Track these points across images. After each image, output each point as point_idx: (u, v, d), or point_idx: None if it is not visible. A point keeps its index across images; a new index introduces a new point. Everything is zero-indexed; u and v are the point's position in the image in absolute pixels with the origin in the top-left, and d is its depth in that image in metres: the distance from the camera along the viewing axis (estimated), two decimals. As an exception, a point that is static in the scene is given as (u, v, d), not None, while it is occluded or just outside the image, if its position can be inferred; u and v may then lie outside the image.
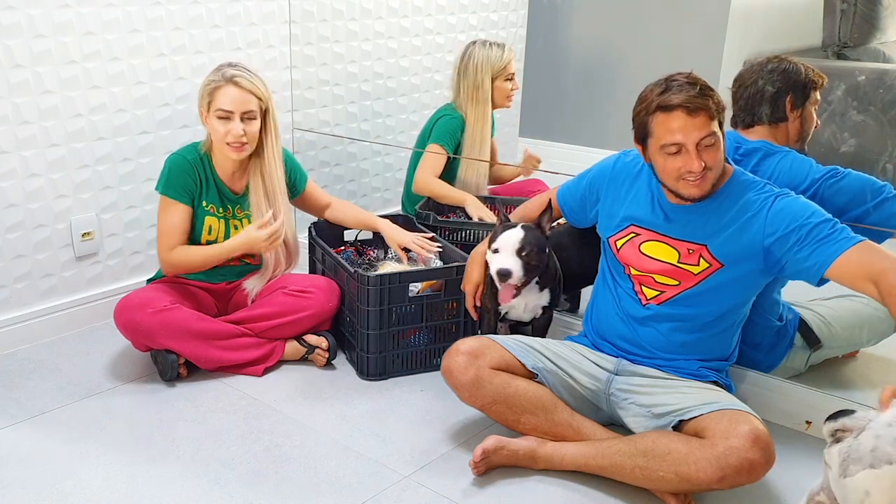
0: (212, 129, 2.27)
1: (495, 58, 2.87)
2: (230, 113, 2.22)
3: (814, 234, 1.76)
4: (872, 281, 1.68)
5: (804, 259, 1.77)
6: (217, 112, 2.23)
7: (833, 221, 1.78)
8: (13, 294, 2.45)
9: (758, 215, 1.83)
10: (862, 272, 1.70)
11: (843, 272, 1.73)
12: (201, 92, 2.27)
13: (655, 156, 1.84)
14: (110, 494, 1.80)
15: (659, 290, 1.95)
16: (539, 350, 2.01)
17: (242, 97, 2.23)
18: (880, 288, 1.66)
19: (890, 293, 1.64)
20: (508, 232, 2.07)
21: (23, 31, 2.30)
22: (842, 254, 1.72)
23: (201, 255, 2.34)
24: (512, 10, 3.89)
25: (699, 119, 1.75)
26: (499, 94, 2.93)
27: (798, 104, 2.12)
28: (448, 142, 2.87)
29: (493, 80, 2.89)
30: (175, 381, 2.29)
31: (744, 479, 1.68)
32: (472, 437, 2.05)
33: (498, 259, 2.06)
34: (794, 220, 1.79)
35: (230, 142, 2.24)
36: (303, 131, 3.17)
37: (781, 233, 1.80)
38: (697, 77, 1.79)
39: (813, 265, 1.76)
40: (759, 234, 1.83)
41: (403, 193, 3.09)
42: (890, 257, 1.69)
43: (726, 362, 2.01)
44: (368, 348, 2.31)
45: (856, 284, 1.73)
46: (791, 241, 1.78)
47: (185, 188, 2.30)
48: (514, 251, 2.04)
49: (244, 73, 2.25)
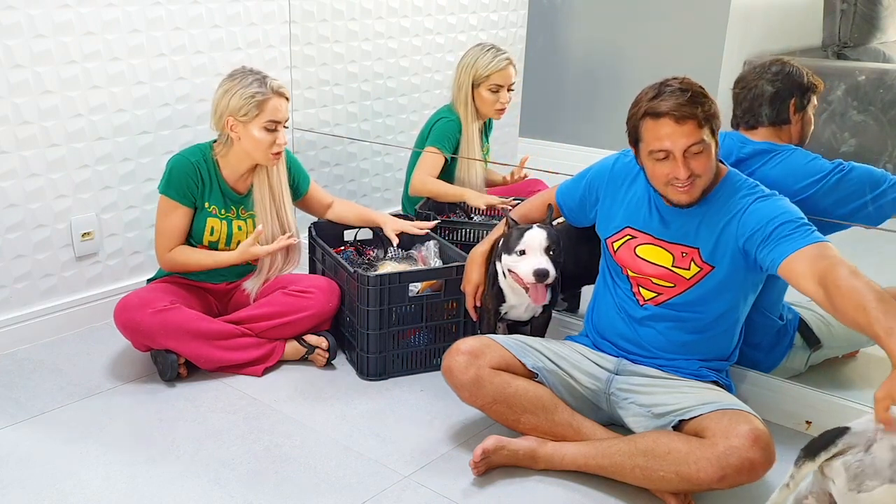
0: (249, 139, 2.27)
1: (481, 64, 2.78)
2: (278, 123, 2.27)
3: (776, 232, 1.75)
4: (818, 280, 1.62)
5: (765, 258, 1.77)
6: (266, 123, 2.25)
7: (798, 222, 1.76)
8: (13, 294, 2.45)
9: (735, 217, 1.83)
10: (808, 272, 1.65)
11: (792, 271, 1.70)
12: (240, 103, 2.24)
13: (645, 160, 1.85)
14: (110, 494, 1.80)
15: (656, 292, 1.95)
16: (539, 350, 2.01)
17: (286, 107, 2.29)
18: (826, 284, 1.60)
19: (836, 285, 1.56)
20: (531, 232, 2.05)
21: (23, 31, 2.30)
22: (794, 252, 1.70)
23: (196, 262, 2.36)
24: (512, 10, 3.89)
25: (687, 127, 1.74)
26: (482, 103, 2.83)
27: (801, 107, 2.12)
28: (445, 144, 2.86)
29: (474, 85, 2.81)
30: (175, 381, 2.29)
31: (744, 478, 1.68)
32: (472, 437, 2.05)
33: (530, 261, 2.03)
34: (761, 219, 1.79)
35: (277, 151, 2.29)
36: (303, 131, 3.17)
37: (749, 233, 1.80)
38: (692, 83, 1.78)
39: (770, 263, 1.76)
40: (733, 235, 1.83)
41: (403, 193, 3.09)
42: (840, 258, 1.64)
43: (727, 362, 2.01)
44: (368, 348, 2.31)
45: (801, 284, 1.67)
46: (756, 240, 1.78)
47: (186, 190, 2.30)
48: (543, 250, 2.04)
49: (280, 82, 2.30)
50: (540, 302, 2.08)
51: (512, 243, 2.07)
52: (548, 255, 2.03)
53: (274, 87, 2.27)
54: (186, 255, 2.35)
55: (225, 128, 2.29)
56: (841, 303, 1.56)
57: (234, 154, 2.32)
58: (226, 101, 2.26)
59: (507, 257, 2.09)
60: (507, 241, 2.10)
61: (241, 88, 2.25)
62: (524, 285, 2.07)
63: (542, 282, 2.02)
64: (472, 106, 2.85)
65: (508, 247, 2.08)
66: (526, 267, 2.03)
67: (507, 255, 2.09)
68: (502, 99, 2.85)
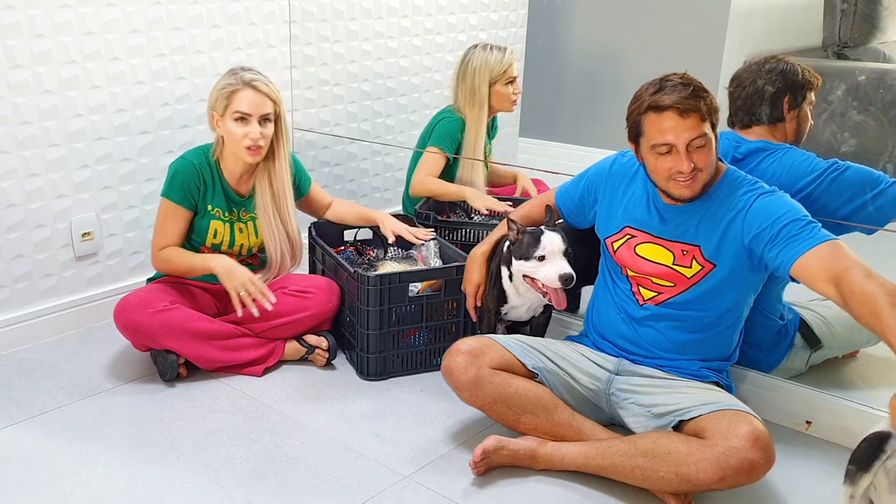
0: (227, 133, 2.27)
1: (494, 62, 2.82)
2: (248, 115, 2.24)
3: (784, 232, 1.76)
4: (833, 282, 1.64)
5: (774, 258, 1.77)
6: (234, 114, 2.23)
7: (805, 220, 1.76)
8: (13, 294, 2.45)
9: (739, 214, 1.83)
10: (823, 273, 1.67)
11: (805, 272, 1.70)
12: (215, 96, 2.26)
13: (647, 155, 1.85)
14: (110, 494, 1.80)
15: (656, 292, 1.95)
16: (539, 350, 2.01)
17: (259, 100, 2.24)
18: (841, 287, 1.62)
19: (851, 290, 1.59)
20: (549, 237, 2.03)
21: (23, 31, 2.30)
22: (805, 253, 1.70)
23: (186, 263, 2.32)
24: (512, 10, 3.89)
25: (690, 120, 1.75)
26: (499, 99, 2.88)
27: (795, 104, 2.12)
28: (447, 144, 2.86)
29: (491, 84, 2.84)
30: (175, 381, 2.29)
31: (744, 479, 1.68)
32: (472, 437, 2.05)
33: (552, 266, 2.02)
34: (767, 218, 1.79)
35: (248, 145, 2.25)
36: (303, 131, 3.17)
37: (755, 231, 1.80)
38: (692, 78, 1.79)
39: (780, 264, 1.76)
40: (739, 233, 1.83)
41: (404, 193, 3.09)
42: (853, 257, 1.66)
43: (727, 362, 2.01)
44: (368, 348, 2.31)
45: (817, 286, 1.69)
46: (764, 239, 1.78)
47: (187, 193, 2.30)
48: (562, 254, 2.03)
49: (261, 77, 2.27)
50: (561, 306, 2.07)
51: (528, 249, 2.05)
52: (566, 257, 2.04)
53: (245, 79, 2.24)
54: (179, 256, 2.32)
55: (212, 125, 2.30)
56: (856, 308, 1.59)
57: (226, 152, 2.32)
58: (210, 98, 2.29)
59: (525, 263, 2.06)
60: (520, 246, 2.07)
61: (218, 83, 2.27)
62: (544, 290, 2.06)
63: (568, 286, 2.02)
64: (487, 105, 2.86)
65: (524, 252, 2.06)
66: (550, 272, 2.02)
67: (523, 262, 2.06)
68: (516, 89, 2.90)
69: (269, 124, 2.27)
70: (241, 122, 2.24)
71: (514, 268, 2.10)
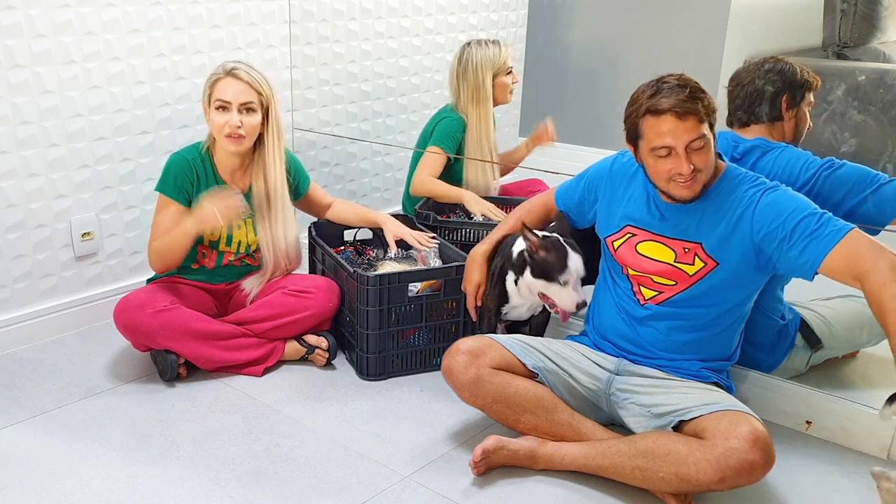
0: (211, 122, 2.28)
1: (493, 55, 2.88)
2: (227, 103, 2.24)
3: (800, 230, 1.76)
4: (860, 282, 1.71)
5: (795, 258, 1.77)
6: (215, 102, 2.24)
7: (818, 214, 1.77)
8: (13, 294, 2.45)
9: (746, 212, 1.83)
10: (848, 271, 1.72)
11: (831, 271, 1.75)
12: (204, 88, 2.29)
13: (646, 157, 1.85)
14: (110, 494, 1.80)
15: (657, 291, 1.95)
16: (540, 350, 2.01)
17: (240, 88, 2.24)
18: (865, 290, 1.70)
19: (871, 297, 1.68)
20: (574, 262, 2.02)
21: (23, 31, 2.30)
22: (829, 252, 1.73)
23: (169, 240, 2.25)
24: (512, 10, 3.90)
25: (688, 122, 1.75)
26: (500, 91, 2.94)
27: (793, 104, 2.13)
28: (448, 144, 2.86)
29: (493, 77, 2.90)
30: (175, 381, 2.29)
31: (744, 480, 1.68)
32: (472, 437, 2.05)
33: (572, 293, 2.03)
34: (778, 215, 1.79)
35: (228, 133, 2.24)
36: (303, 131, 3.17)
37: (767, 229, 1.80)
38: (689, 79, 1.79)
39: (804, 264, 1.77)
40: (748, 231, 1.83)
41: (404, 193, 3.09)
42: (875, 251, 1.70)
43: (727, 362, 2.01)
44: (368, 348, 2.31)
45: (845, 281, 1.75)
46: (777, 238, 1.79)
47: (181, 187, 2.30)
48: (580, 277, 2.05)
49: (244, 67, 2.28)
50: (566, 320, 2.11)
51: (554, 272, 2.02)
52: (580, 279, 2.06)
53: (227, 68, 2.26)
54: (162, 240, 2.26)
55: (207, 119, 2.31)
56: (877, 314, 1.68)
57: (217, 144, 2.33)
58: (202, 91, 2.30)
59: (548, 284, 2.04)
60: (544, 265, 2.04)
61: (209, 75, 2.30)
62: (553, 305, 2.08)
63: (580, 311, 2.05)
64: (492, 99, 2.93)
65: (548, 274, 2.03)
66: (569, 300, 2.03)
67: (546, 282, 2.04)
68: (514, 79, 2.98)
69: (252, 114, 2.26)
70: (221, 111, 2.25)
71: (529, 282, 2.08)
